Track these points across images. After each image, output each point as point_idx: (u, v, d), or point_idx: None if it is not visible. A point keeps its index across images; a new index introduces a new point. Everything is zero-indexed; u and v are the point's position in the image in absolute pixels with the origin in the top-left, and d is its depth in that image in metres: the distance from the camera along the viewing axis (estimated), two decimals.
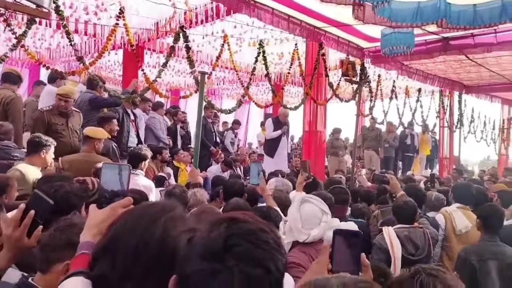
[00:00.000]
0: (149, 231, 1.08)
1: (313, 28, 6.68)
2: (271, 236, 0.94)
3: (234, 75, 11.31)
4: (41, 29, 8.05)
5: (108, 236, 1.13)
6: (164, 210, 1.15)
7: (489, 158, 18.33)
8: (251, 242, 0.90)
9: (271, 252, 0.91)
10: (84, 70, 4.94)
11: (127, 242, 1.08)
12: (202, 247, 0.91)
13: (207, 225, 0.95)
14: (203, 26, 7.31)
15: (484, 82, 11.04)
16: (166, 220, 1.11)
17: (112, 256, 1.07)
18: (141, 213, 1.16)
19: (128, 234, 1.09)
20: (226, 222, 0.94)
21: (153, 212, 1.14)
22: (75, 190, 2.32)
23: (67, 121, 4.98)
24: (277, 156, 8.45)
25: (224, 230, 0.91)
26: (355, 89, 8.02)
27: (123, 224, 1.13)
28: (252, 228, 0.94)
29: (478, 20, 5.16)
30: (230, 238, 0.90)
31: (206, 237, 0.92)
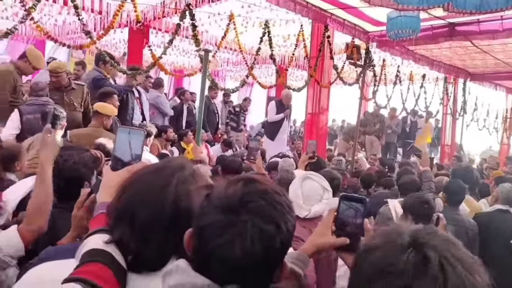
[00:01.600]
0: (162, 198, 1.11)
1: (319, 9, 6.67)
2: (283, 199, 0.99)
3: (238, 57, 11.32)
4: (47, 4, 8.06)
5: (122, 203, 1.14)
6: (174, 172, 1.17)
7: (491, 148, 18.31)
8: (266, 200, 0.95)
9: (283, 212, 0.96)
10: (92, 44, 4.96)
11: (142, 210, 1.10)
12: (219, 201, 0.95)
13: (225, 183, 1.00)
14: (209, 6, 7.31)
15: (489, 70, 11.00)
16: (177, 183, 1.14)
17: (128, 223, 1.10)
18: (152, 179, 1.17)
19: (142, 203, 1.11)
20: (243, 180, 0.99)
21: (164, 175, 1.16)
22: (84, 160, 2.38)
23: (63, 95, 5.02)
24: (277, 139, 8.45)
25: (241, 187, 0.96)
26: (359, 72, 8.02)
27: (135, 191, 1.15)
28: (267, 189, 0.98)
29: (485, 5, 5.14)
30: (246, 194, 0.95)
31: (224, 193, 0.96)
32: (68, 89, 5.10)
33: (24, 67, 4.80)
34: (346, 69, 8.19)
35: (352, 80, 9.43)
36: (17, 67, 4.79)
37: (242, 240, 0.90)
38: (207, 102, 8.66)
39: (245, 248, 0.90)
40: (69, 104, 5.03)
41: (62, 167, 2.28)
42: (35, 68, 4.88)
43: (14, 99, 4.81)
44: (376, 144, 10.98)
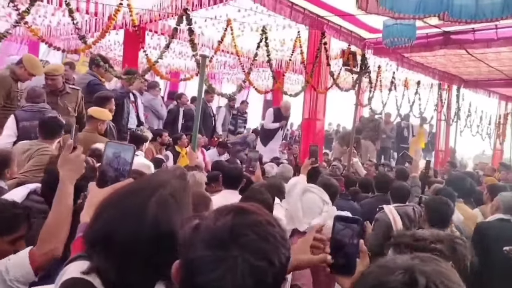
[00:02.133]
0: (140, 222, 1.05)
1: (316, 16, 6.69)
2: (277, 230, 0.94)
3: (235, 59, 11.31)
4: (42, 6, 8.00)
5: (98, 228, 1.09)
6: (153, 192, 1.10)
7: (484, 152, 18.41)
8: (257, 233, 0.90)
9: (276, 245, 0.92)
10: (87, 49, 4.93)
11: (119, 236, 1.05)
12: (208, 234, 0.90)
13: (214, 213, 0.95)
14: (205, 9, 7.30)
15: (483, 77, 11.07)
16: (157, 205, 1.08)
17: (104, 250, 1.05)
18: (130, 201, 1.11)
19: (119, 228, 1.06)
20: (233, 211, 0.94)
21: (142, 197, 1.10)
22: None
23: (57, 99, 4.98)
24: (269, 146, 8.48)
25: (231, 219, 0.91)
26: (355, 79, 8.05)
27: (112, 215, 1.09)
28: (259, 220, 0.93)
29: (480, 14, 5.16)
30: (237, 227, 0.90)
31: (213, 225, 0.91)
32: (63, 93, 5.04)
33: (20, 73, 4.76)
34: (342, 74, 8.21)
35: (348, 85, 9.46)
36: (13, 72, 4.75)
37: (233, 275, 0.86)
38: (203, 106, 8.60)
39: (236, 284, 0.87)
40: (63, 109, 4.98)
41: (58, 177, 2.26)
42: (31, 75, 4.82)
43: (8, 105, 4.77)
44: (372, 148, 11.03)
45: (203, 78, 4.90)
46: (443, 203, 3.29)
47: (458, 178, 4.74)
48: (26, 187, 2.57)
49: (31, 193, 2.53)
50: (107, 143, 1.42)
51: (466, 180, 4.70)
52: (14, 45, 11.20)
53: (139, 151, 4.61)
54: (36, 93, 4.49)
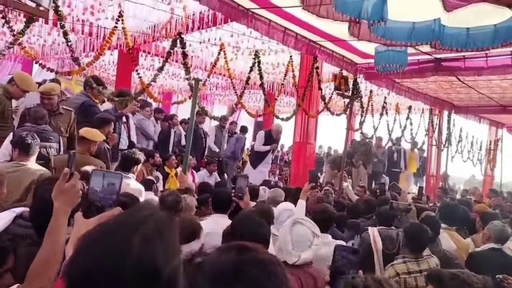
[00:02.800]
0: (123, 257, 0.96)
1: (308, 41, 6.75)
2: (279, 269, 0.93)
3: (227, 81, 11.38)
4: (37, 25, 8.03)
5: (76, 268, 1.00)
6: (136, 226, 1.01)
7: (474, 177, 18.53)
8: (261, 271, 0.89)
9: (279, 285, 0.90)
10: (80, 71, 4.94)
11: (98, 274, 0.96)
12: (212, 270, 0.89)
13: (217, 250, 0.94)
14: (199, 33, 7.36)
15: (474, 103, 11.20)
16: (140, 242, 0.98)
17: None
18: (112, 236, 1.02)
19: (102, 261, 0.97)
20: (235, 248, 0.93)
21: (125, 233, 1.00)
22: None
23: (50, 120, 4.95)
24: (259, 169, 8.46)
25: (234, 256, 0.91)
26: (346, 103, 8.10)
27: (95, 247, 1.01)
28: (262, 258, 0.93)
29: (471, 43, 5.25)
30: (240, 264, 0.89)
31: (216, 261, 0.91)
32: (56, 113, 5.05)
33: (13, 91, 4.75)
34: (333, 98, 8.27)
35: (339, 109, 9.52)
36: (6, 91, 4.72)
37: None
38: (194, 127, 8.59)
39: None
40: (56, 129, 4.96)
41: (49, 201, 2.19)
42: (24, 91, 4.80)
43: (3, 123, 4.73)
44: (363, 172, 11.03)
45: (196, 101, 4.92)
46: (421, 229, 3.35)
47: (450, 206, 4.72)
48: (12, 211, 2.51)
49: (17, 218, 2.47)
50: (93, 171, 1.38)
51: (459, 208, 4.68)
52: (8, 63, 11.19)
53: (131, 174, 4.56)
54: (39, 115, 4.48)
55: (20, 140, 3.71)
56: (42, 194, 2.25)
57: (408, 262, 3.23)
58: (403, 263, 3.23)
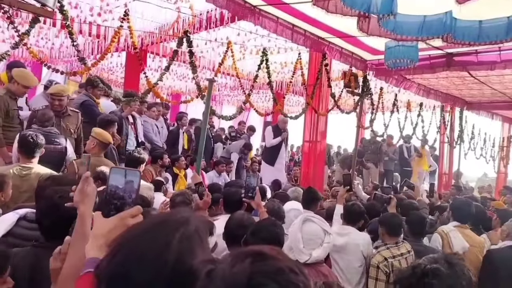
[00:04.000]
0: (163, 258, 0.97)
1: (317, 38, 6.67)
2: (300, 278, 0.84)
3: (235, 81, 11.33)
4: (45, 28, 8.04)
5: (116, 265, 1.01)
6: (177, 228, 1.02)
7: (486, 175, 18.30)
8: (279, 283, 0.80)
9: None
10: (86, 71, 4.90)
11: (139, 273, 0.97)
12: (223, 283, 0.81)
13: (230, 258, 0.86)
14: (206, 32, 7.31)
15: (486, 100, 11.03)
16: (180, 241, 1.00)
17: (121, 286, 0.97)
18: (152, 235, 1.03)
19: (139, 264, 0.98)
20: (251, 256, 0.84)
21: (165, 232, 1.02)
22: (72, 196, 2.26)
23: (60, 121, 4.96)
24: (277, 164, 8.44)
25: (249, 266, 0.82)
26: (356, 101, 7.99)
27: (132, 250, 1.01)
28: (281, 267, 0.84)
29: (484, 36, 5.14)
30: (255, 276, 0.80)
31: (228, 272, 0.82)
32: (65, 115, 5.06)
33: (15, 89, 4.69)
34: (342, 95, 8.18)
35: (349, 107, 9.42)
36: (8, 90, 4.70)
37: None
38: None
39: None
40: (65, 130, 4.97)
41: (58, 203, 2.10)
42: (26, 87, 4.76)
43: (8, 124, 4.70)
44: (374, 171, 10.90)
45: (209, 102, 4.86)
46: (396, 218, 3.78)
47: (462, 203, 4.56)
48: (15, 212, 2.48)
49: (21, 219, 2.43)
50: (112, 169, 1.34)
51: (471, 206, 4.51)
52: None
53: None
54: (46, 117, 4.46)
55: (23, 141, 3.68)
56: (48, 195, 2.20)
57: (390, 247, 3.52)
58: (387, 249, 3.52)
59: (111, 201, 1.27)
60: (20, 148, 3.70)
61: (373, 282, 3.42)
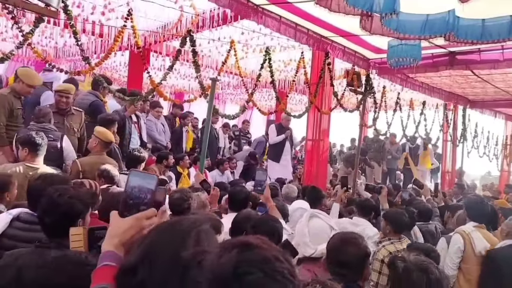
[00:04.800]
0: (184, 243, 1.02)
1: (319, 37, 6.67)
2: (285, 266, 0.88)
3: (238, 80, 11.34)
4: (49, 27, 8.07)
5: (143, 248, 1.07)
6: (194, 224, 1.08)
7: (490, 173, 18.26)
8: (264, 271, 0.84)
9: (284, 283, 0.85)
10: (90, 70, 4.93)
11: (163, 253, 1.02)
12: (211, 273, 0.85)
13: (218, 249, 0.89)
14: (209, 31, 7.32)
15: (489, 98, 11.01)
16: (198, 233, 1.05)
17: (149, 266, 1.01)
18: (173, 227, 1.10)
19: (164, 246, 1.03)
20: (238, 247, 0.88)
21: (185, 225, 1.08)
22: (81, 195, 2.25)
23: (63, 119, 4.99)
24: (283, 161, 8.50)
25: (235, 255, 0.86)
26: (359, 99, 7.99)
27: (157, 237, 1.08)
28: (266, 255, 0.87)
29: (487, 35, 5.13)
30: (241, 265, 0.84)
31: (216, 262, 0.86)
32: (69, 114, 5.11)
33: (19, 88, 4.71)
34: (345, 94, 8.19)
35: (351, 106, 9.41)
36: (13, 90, 4.73)
37: None
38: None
39: None
40: (69, 129, 5.01)
41: (58, 201, 2.15)
42: (30, 86, 4.78)
43: (12, 123, 4.73)
44: (377, 169, 10.90)
45: (212, 101, 4.88)
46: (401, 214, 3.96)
47: (477, 203, 4.47)
48: (9, 213, 2.48)
49: (14, 220, 2.43)
50: (131, 171, 1.39)
51: (486, 205, 4.40)
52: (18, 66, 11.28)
53: None
54: (41, 113, 4.51)
55: (28, 140, 3.70)
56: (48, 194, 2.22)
57: (394, 242, 3.71)
58: (391, 244, 3.69)
59: (128, 202, 1.31)
60: (24, 146, 3.71)
61: (377, 276, 3.45)
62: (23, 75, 4.65)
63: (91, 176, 3.78)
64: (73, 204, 2.15)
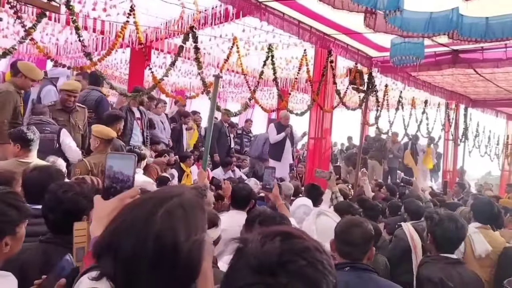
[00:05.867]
0: (145, 229, 1.03)
1: (322, 34, 6.65)
2: (324, 257, 0.91)
3: (240, 78, 11.32)
4: (50, 24, 8.05)
5: (107, 236, 1.08)
6: (162, 202, 1.07)
7: (490, 173, 18.26)
8: (306, 260, 0.87)
9: (324, 272, 0.89)
10: (92, 66, 4.91)
11: (125, 243, 1.02)
12: (255, 259, 0.87)
13: (260, 236, 0.92)
14: (211, 28, 7.30)
15: (491, 97, 10.98)
16: (163, 214, 1.04)
17: (112, 258, 1.03)
18: (138, 209, 1.09)
19: (126, 234, 1.04)
20: (280, 236, 0.91)
21: (151, 205, 1.07)
22: (85, 192, 2.24)
23: (69, 117, 4.99)
24: (284, 159, 8.50)
25: (279, 244, 0.88)
26: (361, 97, 7.98)
27: (121, 221, 1.08)
28: (307, 245, 0.91)
29: (490, 33, 5.11)
30: (285, 253, 0.87)
31: (260, 250, 0.88)
32: (74, 111, 5.10)
33: (21, 83, 4.65)
34: (348, 92, 8.17)
35: (353, 104, 9.39)
36: (15, 85, 4.68)
37: None
38: (219, 125, 8.72)
39: None
40: (74, 126, 5.00)
41: (62, 198, 2.15)
42: (33, 80, 4.74)
43: (13, 120, 4.71)
44: (378, 168, 10.89)
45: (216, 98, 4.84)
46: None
47: (485, 204, 4.42)
48: None
49: None
50: (108, 155, 1.38)
51: (494, 206, 4.34)
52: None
53: (138, 169, 4.57)
54: (38, 111, 4.48)
55: (20, 135, 3.66)
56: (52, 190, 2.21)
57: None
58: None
59: (110, 184, 1.32)
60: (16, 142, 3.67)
61: None
62: (25, 69, 4.59)
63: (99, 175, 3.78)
64: (78, 201, 2.15)
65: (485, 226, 4.03)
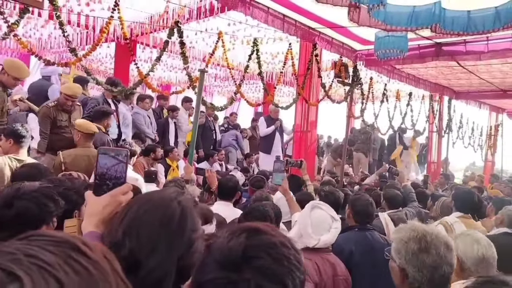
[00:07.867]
0: (170, 208, 1.08)
1: (307, 28, 6.68)
2: (291, 252, 0.91)
3: (226, 72, 11.30)
4: (33, 18, 7.94)
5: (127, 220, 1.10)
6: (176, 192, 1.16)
7: (474, 164, 18.52)
8: (271, 255, 0.87)
9: (290, 268, 0.88)
10: (77, 61, 4.87)
11: (149, 220, 1.06)
12: (220, 255, 0.88)
13: (227, 233, 0.92)
14: (196, 23, 7.28)
15: (474, 89, 11.14)
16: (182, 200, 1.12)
17: (136, 235, 1.05)
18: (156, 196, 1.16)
19: (149, 213, 1.08)
20: (246, 231, 0.91)
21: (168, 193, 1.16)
22: (76, 187, 2.26)
23: (69, 116, 5.00)
24: (273, 152, 8.57)
25: (244, 240, 0.89)
26: (347, 91, 8.04)
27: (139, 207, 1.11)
28: (274, 241, 0.90)
29: (472, 26, 5.18)
30: (250, 249, 0.87)
31: (225, 245, 0.89)
32: (72, 110, 5.11)
33: (5, 81, 4.51)
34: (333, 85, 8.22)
35: (339, 97, 9.46)
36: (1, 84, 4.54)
37: None
38: (204, 120, 8.72)
39: None
40: (72, 125, 4.96)
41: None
42: (17, 79, 4.61)
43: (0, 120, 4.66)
44: (364, 160, 11.01)
45: (201, 93, 4.86)
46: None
47: (466, 193, 4.52)
48: None
49: None
50: (99, 149, 1.36)
51: (474, 195, 4.41)
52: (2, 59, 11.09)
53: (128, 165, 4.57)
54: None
55: (13, 131, 3.67)
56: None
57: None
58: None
59: (102, 181, 1.30)
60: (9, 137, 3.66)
61: None
62: (9, 67, 4.46)
63: (73, 168, 3.78)
64: (69, 196, 2.15)
65: (466, 215, 4.13)
